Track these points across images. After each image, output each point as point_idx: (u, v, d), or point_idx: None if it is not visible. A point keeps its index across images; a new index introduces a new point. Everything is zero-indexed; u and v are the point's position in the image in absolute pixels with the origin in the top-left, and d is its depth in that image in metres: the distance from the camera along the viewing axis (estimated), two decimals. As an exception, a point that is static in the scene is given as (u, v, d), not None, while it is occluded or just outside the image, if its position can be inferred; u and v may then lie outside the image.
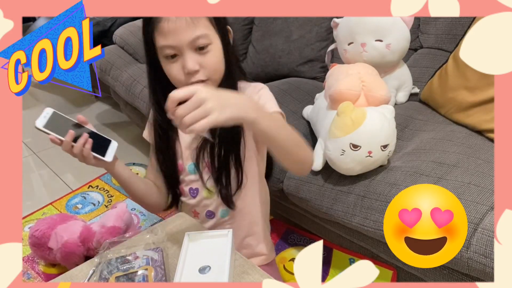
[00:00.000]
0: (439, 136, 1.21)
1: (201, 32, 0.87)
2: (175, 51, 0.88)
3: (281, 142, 0.80)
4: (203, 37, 0.87)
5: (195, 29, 0.86)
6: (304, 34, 1.74)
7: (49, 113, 0.91)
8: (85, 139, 0.89)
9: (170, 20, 0.86)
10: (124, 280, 0.79)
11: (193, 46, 0.87)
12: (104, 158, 0.92)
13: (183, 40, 0.86)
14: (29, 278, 1.42)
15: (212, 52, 0.89)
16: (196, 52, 0.88)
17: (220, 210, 1.04)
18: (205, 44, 0.88)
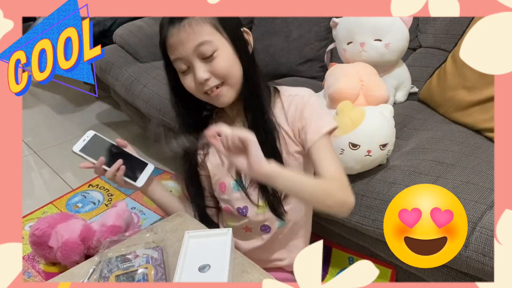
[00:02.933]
0: (438, 135, 1.21)
1: (203, 39, 0.86)
2: (185, 63, 0.89)
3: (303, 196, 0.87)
4: (205, 44, 0.87)
5: (196, 37, 0.86)
6: (303, 33, 1.74)
7: (89, 136, 0.95)
8: (119, 165, 0.94)
9: (173, 34, 0.87)
10: (124, 279, 0.79)
11: (198, 54, 0.88)
12: (135, 183, 0.96)
13: (187, 50, 0.87)
14: (30, 276, 1.42)
15: (220, 57, 0.88)
16: (204, 61, 0.88)
17: (277, 222, 1.01)
18: (210, 51, 0.87)
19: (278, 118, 0.95)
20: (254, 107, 0.94)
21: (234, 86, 0.92)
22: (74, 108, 2.77)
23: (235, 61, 0.91)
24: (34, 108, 2.80)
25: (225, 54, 0.89)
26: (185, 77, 0.91)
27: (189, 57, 0.88)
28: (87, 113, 2.68)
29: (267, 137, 0.93)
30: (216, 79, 0.89)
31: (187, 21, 0.86)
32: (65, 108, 2.80)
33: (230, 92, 0.92)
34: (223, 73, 0.89)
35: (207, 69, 0.88)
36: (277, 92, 0.99)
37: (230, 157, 0.79)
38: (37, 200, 1.87)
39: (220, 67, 0.89)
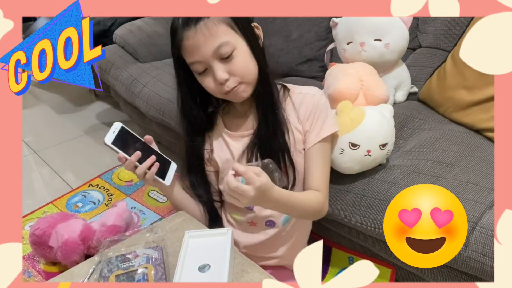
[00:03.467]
0: (438, 135, 1.21)
1: (222, 41, 0.87)
2: (203, 65, 0.90)
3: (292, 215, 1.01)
4: (224, 45, 0.87)
5: (214, 39, 0.87)
6: (303, 33, 1.74)
7: (118, 128, 0.92)
8: (152, 162, 0.94)
9: (189, 37, 0.87)
10: (124, 278, 0.79)
11: (217, 56, 0.88)
12: (163, 181, 0.95)
13: (206, 53, 0.87)
14: (30, 276, 1.42)
15: (238, 57, 0.89)
16: (223, 61, 0.89)
17: (282, 217, 1.03)
18: (229, 51, 0.88)
19: (289, 114, 0.98)
20: (265, 102, 0.96)
21: (251, 83, 0.94)
22: (74, 108, 2.77)
23: (251, 58, 0.92)
24: (34, 108, 2.80)
25: (242, 53, 0.90)
26: (204, 78, 0.92)
27: (207, 59, 0.88)
28: (87, 113, 2.68)
29: (276, 132, 0.95)
30: (235, 79, 0.91)
31: (203, 22, 0.86)
32: (65, 108, 2.80)
33: (248, 89, 0.94)
34: (242, 72, 0.91)
35: (225, 70, 0.89)
36: (286, 90, 1.01)
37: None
38: (37, 199, 1.87)
39: (239, 67, 0.90)
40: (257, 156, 0.97)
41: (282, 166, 0.96)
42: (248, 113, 1.01)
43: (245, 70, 0.91)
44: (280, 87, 1.01)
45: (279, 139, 0.96)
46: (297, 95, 1.00)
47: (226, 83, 0.90)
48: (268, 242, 1.05)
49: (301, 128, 0.98)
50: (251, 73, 0.93)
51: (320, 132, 0.97)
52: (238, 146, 1.01)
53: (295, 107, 0.98)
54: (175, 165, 0.99)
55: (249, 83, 0.93)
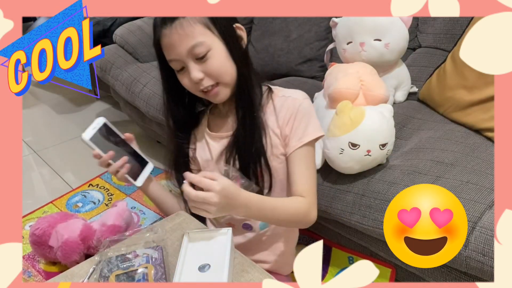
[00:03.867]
0: (437, 135, 1.22)
1: (196, 41, 0.87)
2: (180, 64, 0.90)
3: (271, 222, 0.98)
4: (198, 46, 0.87)
5: (189, 39, 0.87)
6: (303, 33, 1.74)
7: (100, 124, 0.93)
8: (123, 162, 0.95)
9: (166, 36, 0.88)
10: (124, 278, 0.79)
11: (192, 56, 0.88)
12: (134, 182, 0.96)
13: (181, 52, 0.88)
14: (30, 276, 1.43)
15: (214, 58, 0.89)
16: (198, 61, 0.89)
17: (258, 223, 1.03)
18: (203, 52, 0.88)
19: (268, 118, 0.96)
20: (244, 103, 0.95)
21: (228, 84, 0.93)
22: (74, 108, 2.78)
23: (228, 59, 0.91)
24: (34, 108, 2.80)
25: (218, 54, 0.90)
26: (182, 76, 0.92)
27: (183, 58, 0.89)
28: (87, 113, 2.68)
29: (253, 135, 0.94)
30: (210, 79, 0.90)
31: (178, 22, 0.86)
32: (65, 108, 2.80)
33: (225, 90, 0.93)
34: (217, 73, 0.90)
35: (201, 69, 0.89)
36: (270, 92, 0.99)
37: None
38: (37, 199, 1.87)
39: (214, 68, 0.89)
40: (234, 158, 0.96)
41: (258, 170, 0.96)
42: (229, 114, 1.00)
43: (221, 71, 0.91)
44: (266, 89, 1.00)
45: (256, 143, 0.95)
46: (279, 98, 0.98)
47: (201, 82, 0.90)
48: (248, 245, 1.04)
49: (279, 132, 0.96)
50: (227, 74, 0.92)
51: (302, 137, 0.94)
52: (217, 147, 1.00)
53: (276, 111, 0.97)
54: (152, 165, 1.00)
55: (227, 84, 0.93)
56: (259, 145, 0.95)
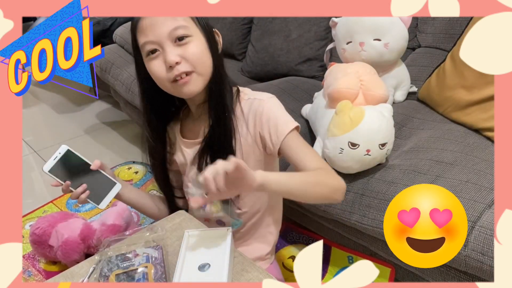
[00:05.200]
0: (437, 135, 1.22)
1: (180, 23, 0.86)
2: (155, 46, 0.87)
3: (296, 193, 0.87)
4: (181, 28, 0.86)
5: (173, 21, 0.85)
6: (302, 33, 1.74)
7: (61, 153, 0.95)
8: (83, 189, 0.95)
9: (149, 17, 0.86)
10: (124, 278, 0.79)
11: (172, 38, 0.86)
12: (98, 206, 0.98)
13: (161, 33, 0.85)
14: (30, 275, 1.43)
15: (194, 43, 0.87)
16: (176, 44, 0.86)
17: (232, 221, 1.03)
18: (185, 34, 0.86)
19: (238, 124, 0.95)
20: (218, 105, 0.94)
21: (203, 75, 0.90)
22: (74, 108, 2.78)
23: (207, 51, 0.90)
24: (34, 107, 2.80)
25: (198, 42, 0.88)
26: (153, 61, 0.88)
27: (161, 40, 0.86)
28: (87, 113, 2.69)
29: (226, 136, 0.94)
30: (186, 64, 0.87)
31: None
32: (65, 108, 2.80)
33: (198, 81, 0.90)
34: (195, 59, 0.87)
35: (178, 53, 0.86)
36: (238, 95, 0.98)
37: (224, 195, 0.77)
38: (38, 199, 1.87)
39: (192, 52, 0.87)
40: (207, 162, 0.95)
41: None
42: (202, 118, 0.98)
43: (199, 59, 0.88)
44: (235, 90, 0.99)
45: (227, 144, 0.94)
46: (245, 101, 0.96)
47: (177, 66, 0.86)
48: None
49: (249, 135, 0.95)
50: (204, 65, 0.89)
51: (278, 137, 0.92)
52: (190, 152, 1.00)
53: (244, 114, 0.96)
54: (119, 186, 1.00)
55: (202, 74, 0.89)
56: (229, 147, 0.94)
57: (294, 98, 1.54)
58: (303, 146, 0.93)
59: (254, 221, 1.05)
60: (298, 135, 0.94)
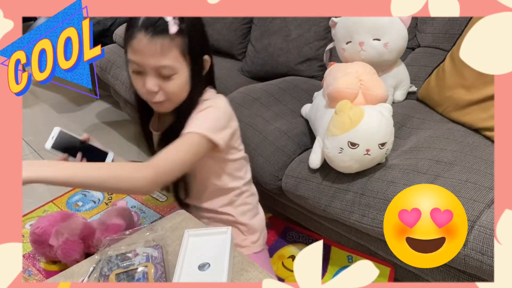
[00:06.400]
0: (437, 135, 1.22)
1: (167, 63, 0.90)
2: (140, 68, 0.92)
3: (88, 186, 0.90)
4: (167, 68, 0.91)
5: (161, 59, 0.90)
6: (302, 33, 1.74)
7: (56, 133, 1.03)
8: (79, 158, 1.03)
9: (141, 41, 0.89)
10: (124, 277, 0.79)
11: (157, 72, 0.91)
12: None
13: (148, 63, 0.90)
14: (30, 275, 1.43)
15: (175, 81, 0.93)
16: (159, 77, 0.92)
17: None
18: (169, 74, 0.92)
19: None
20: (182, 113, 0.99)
21: (176, 103, 0.98)
22: (75, 107, 2.77)
23: (187, 85, 0.96)
24: (35, 107, 2.80)
25: (181, 79, 0.94)
26: (136, 77, 0.95)
27: (146, 68, 0.91)
28: (87, 112, 2.68)
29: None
30: (163, 96, 0.94)
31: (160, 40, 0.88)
32: (65, 107, 2.80)
33: (170, 106, 0.98)
34: (172, 95, 0.95)
35: (158, 84, 0.92)
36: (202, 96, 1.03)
37: None
38: (38, 198, 1.87)
39: (171, 89, 0.94)
40: None
41: None
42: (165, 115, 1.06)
43: (176, 93, 0.95)
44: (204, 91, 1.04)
45: None
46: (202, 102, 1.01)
47: (155, 95, 0.94)
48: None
49: None
50: (179, 97, 0.97)
51: (195, 127, 0.95)
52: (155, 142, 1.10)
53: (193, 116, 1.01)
54: (112, 154, 1.09)
55: (174, 103, 0.98)
56: None
57: (293, 97, 1.54)
58: (182, 146, 0.94)
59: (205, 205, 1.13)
60: (196, 142, 0.95)
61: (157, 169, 0.89)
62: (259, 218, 1.21)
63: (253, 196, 1.20)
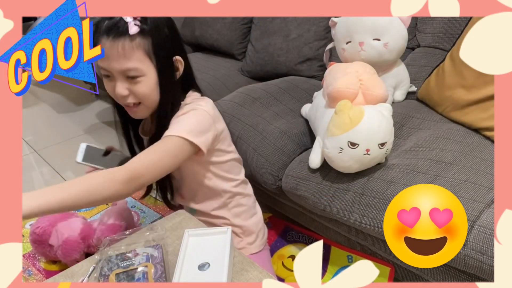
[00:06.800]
0: (436, 134, 1.22)
1: (132, 66, 0.90)
2: (107, 72, 0.92)
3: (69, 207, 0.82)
4: (132, 70, 0.90)
5: (126, 61, 0.89)
6: (302, 33, 1.75)
7: (84, 148, 1.11)
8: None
9: (104, 45, 0.88)
10: (124, 277, 0.79)
11: (124, 75, 0.91)
12: None
13: (113, 67, 0.91)
14: (30, 275, 1.43)
15: (143, 83, 0.92)
16: (127, 80, 0.92)
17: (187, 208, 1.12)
18: (135, 75, 0.91)
19: None
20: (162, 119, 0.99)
21: (150, 107, 0.98)
22: (75, 107, 2.78)
23: (156, 88, 0.95)
24: (35, 107, 2.81)
25: (149, 80, 0.93)
26: (107, 82, 0.95)
27: (113, 72, 0.92)
28: (87, 112, 2.69)
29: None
30: (134, 98, 0.94)
31: (121, 42, 0.88)
32: (65, 107, 2.80)
33: (145, 111, 0.99)
34: (142, 96, 0.94)
35: (127, 87, 0.92)
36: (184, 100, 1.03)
37: None
38: (37, 198, 1.87)
39: (140, 91, 0.93)
40: None
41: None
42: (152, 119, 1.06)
43: (146, 96, 0.95)
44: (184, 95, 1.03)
45: None
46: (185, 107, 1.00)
47: (126, 99, 0.94)
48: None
49: None
50: (151, 100, 0.96)
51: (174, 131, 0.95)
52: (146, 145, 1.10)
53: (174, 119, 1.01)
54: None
55: (148, 107, 0.97)
56: None
57: (293, 97, 1.54)
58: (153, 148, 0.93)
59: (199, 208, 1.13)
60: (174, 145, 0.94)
61: (132, 171, 0.87)
62: (256, 219, 1.20)
63: (248, 197, 1.19)
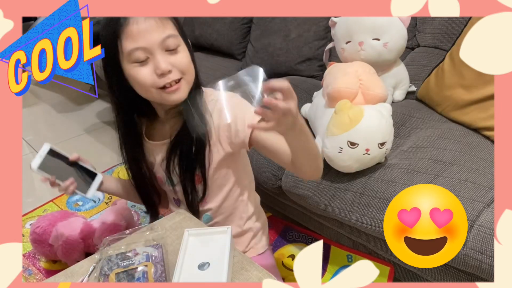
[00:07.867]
0: (436, 134, 1.22)
1: (170, 33, 0.87)
2: (145, 53, 0.86)
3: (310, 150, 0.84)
4: (173, 37, 0.87)
5: (164, 29, 0.86)
6: (302, 33, 1.75)
7: (45, 151, 1.00)
8: (71, 182, 1.01)
9: (139, 22, 0.84)
10: (124, 276, 0.79)
11: (164, 47, 0.87)
12: (85, 195, 1.04)
13: (153, 40, 0.85)
14: (30, 274, 1.43)
15: (183, 53, 0.89)
16: (167, 53, 0.87)
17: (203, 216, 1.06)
18: (175, 45, 0.88)
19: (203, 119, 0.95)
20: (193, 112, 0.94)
21: (190, 83, 0.92)
22: (75, 107, 2.78)
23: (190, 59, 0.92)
24: (35, 107, 2.80)
25: (185, 52, 0.90)
26: (142, 68, 0.88)
27: (153, 47, 0.86)
28: (87, 112, 2.69)
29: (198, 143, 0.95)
30: (177, 73, 0.88)
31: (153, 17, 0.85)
32: (65, 107, 2.80)
33: (186, 88, 0.91)
34: (184, 67, 0.89)
35: (169, 61, 0.87)
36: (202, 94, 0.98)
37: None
38: (38, 198, 1.87)
39: (183, 62, 0.89)
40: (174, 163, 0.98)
41: (195, 178, 0.99)
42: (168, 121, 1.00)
43: (187, 67, 0.90)
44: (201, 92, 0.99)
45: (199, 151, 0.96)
46: (209, 102, 0.97)
47: (169, 75, 0.87)
48: None
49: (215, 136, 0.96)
50: (192, 73, 0.92)
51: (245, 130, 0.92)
52: (159, 152, 1.02)
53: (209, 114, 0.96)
54: (101, 176, 1.06)
55: (189, 82, 0.92)
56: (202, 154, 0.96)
57: (293, 97, 1.54)
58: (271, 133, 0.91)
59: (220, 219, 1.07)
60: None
61: None
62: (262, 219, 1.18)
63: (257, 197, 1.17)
